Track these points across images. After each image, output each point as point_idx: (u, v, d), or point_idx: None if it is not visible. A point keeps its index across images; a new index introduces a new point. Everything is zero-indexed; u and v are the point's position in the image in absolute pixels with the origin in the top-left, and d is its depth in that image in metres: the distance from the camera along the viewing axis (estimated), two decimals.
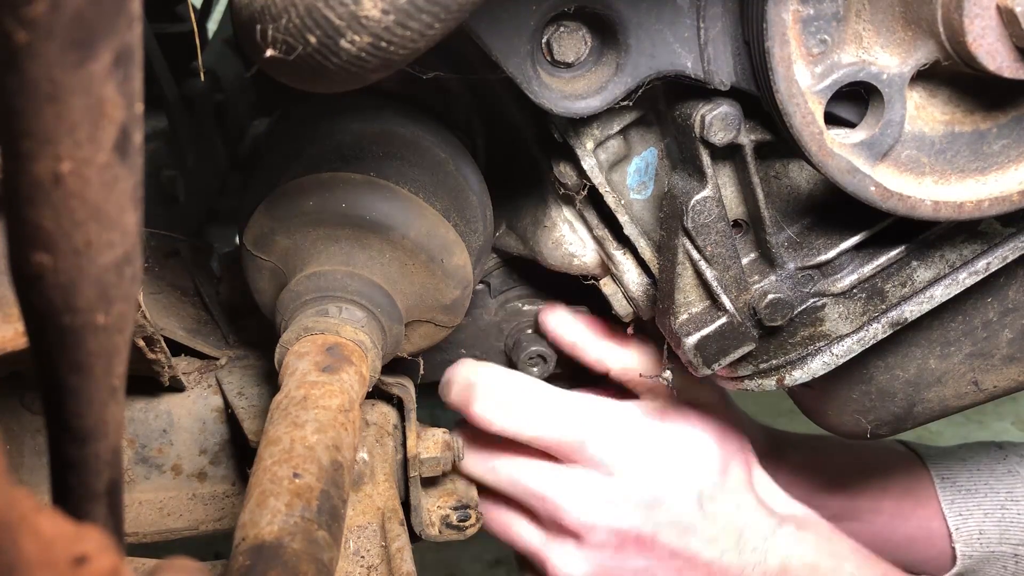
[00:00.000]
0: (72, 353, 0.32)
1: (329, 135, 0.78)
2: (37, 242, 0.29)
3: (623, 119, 0.77)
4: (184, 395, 0.89)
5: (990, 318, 0.84)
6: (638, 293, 0.87)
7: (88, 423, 0.34)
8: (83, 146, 0.28)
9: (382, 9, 0.47)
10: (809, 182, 0.78)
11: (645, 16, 0.66)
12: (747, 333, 0.79)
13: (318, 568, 0.48)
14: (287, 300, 0.74)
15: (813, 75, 0.65)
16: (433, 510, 0.88)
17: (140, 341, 0.75)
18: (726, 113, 0.70)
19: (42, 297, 0.30)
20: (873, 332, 0.79)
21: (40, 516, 0.28)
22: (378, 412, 0.87)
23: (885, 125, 0.66)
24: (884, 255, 0.78)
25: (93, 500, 0.35)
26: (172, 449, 0.88)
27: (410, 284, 0.77)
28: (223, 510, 0.88)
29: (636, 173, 0.81)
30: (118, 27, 0.28)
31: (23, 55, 0.27)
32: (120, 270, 0.31)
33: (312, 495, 0.52)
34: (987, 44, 0.59)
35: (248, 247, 0.78)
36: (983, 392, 0.88)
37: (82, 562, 0.28)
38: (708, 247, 0.76)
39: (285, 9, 0.48)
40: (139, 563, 0.75)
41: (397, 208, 0.75)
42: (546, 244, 0.87)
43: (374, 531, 0.77)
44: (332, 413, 0.60)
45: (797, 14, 0.63)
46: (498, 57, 0.65)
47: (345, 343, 0.69)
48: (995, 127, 0.68)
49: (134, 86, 0.29)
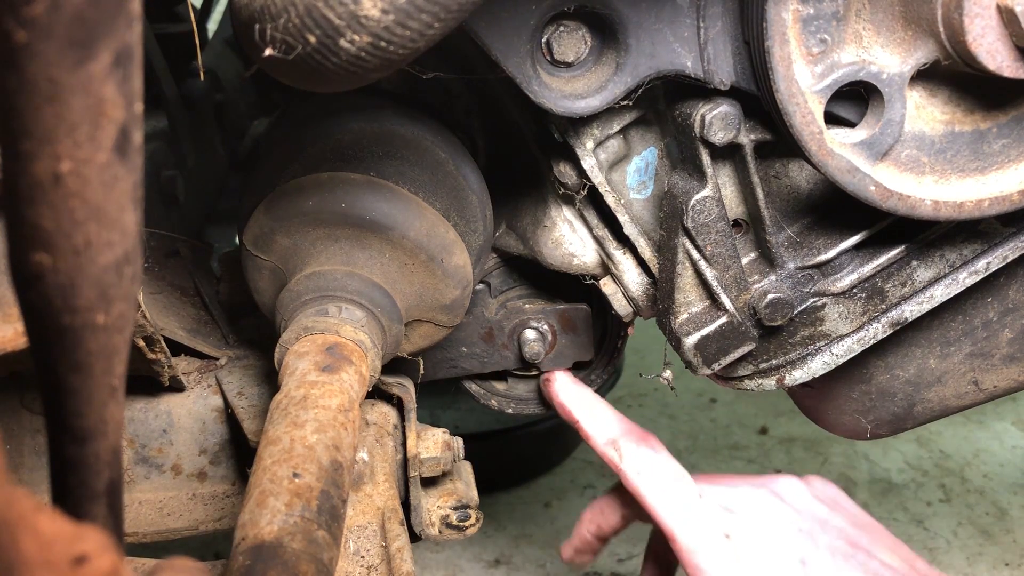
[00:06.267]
0: (72, 353, 0.32)
1: (329, 135, 0.78)
2: (37, 242, 0.29)
3: (623, 119, 0.77)
4: (184, 395, 0.89)
5: (990, 318, 0.84)
6: (638, 293, 0.87)
7: (88, 423, 0.34)
8: (83, 146, 0.28)
9: (382, 9, 0.47)
10: (809, 182, 0.78)
11: (645, 16, 0.66)
12: (747, 333, 0.79)
13: (318, 568, 0.48)
14: (287, 300, 0.74)
15: (813, 74, 0.65)
16: (433, 510, 0.88)
17: (140, 341, 0.75)
18: (726, 113, 0.70)
19: (42, 297, 0.30)
20: (873, 332, 0.79)
21: (40, 516, 0.28)
22: (378, 412, 0.87)
23: (885, 125, 0.66)
24: (884, 255, 0.78)
25: (93, 500, 0.35)
26: (172, 449, 0.88)
27: (410, 284, 0.77)
28: (223, 510, 0.88)
29: (636, 173, 0.81)
30: (118, 27, 0.28)
31: (23, 55, 0.27)
32: (120, 270, 0.31)
33: (312, 495, 0.52)
34: (987, 44, 0.59)
35: (248, 247, 0.78)
36: (983, 392, 0.88)
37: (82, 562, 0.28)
38: (708, 247, 0.76)
39: (284, 9, 0.48)
40: (139, 563, 0.75)
41: (397, 208, 0.75)
42: (546, 244, 0.87)
43: (374, 531, 0.77)
44: (332, 413, 0.60)
45: (797, 14, 0.63)
46: (498, 57, 0.65)
47: (345, 343, 0.69)
48: (995, 127, 0.68)
49: (134, 86, 0.29)
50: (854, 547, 0.83)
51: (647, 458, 0.84)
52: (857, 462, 2.09)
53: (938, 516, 1.92)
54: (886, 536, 0.87)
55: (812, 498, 0.87)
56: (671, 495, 0.82)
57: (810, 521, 0.84)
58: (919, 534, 1.83)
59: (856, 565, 0.81)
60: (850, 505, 0.90)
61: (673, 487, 0.83)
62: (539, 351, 0.95)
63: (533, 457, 2.02)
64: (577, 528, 0.96)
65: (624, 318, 0.90)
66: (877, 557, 0.83)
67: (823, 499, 0.88)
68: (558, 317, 0.96)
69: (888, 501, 1.95)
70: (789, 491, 0.87)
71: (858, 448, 2.12)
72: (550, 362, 0.98)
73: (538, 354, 0.95)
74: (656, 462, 0.84)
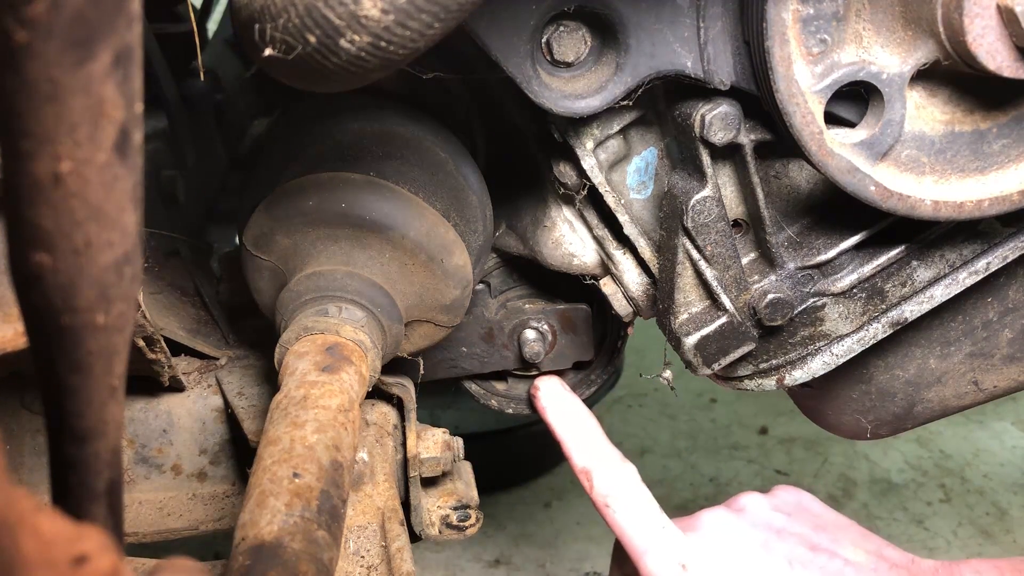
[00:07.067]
0: (72, 353, 0.32)
1: (329, 135, 0.78)
2: (37, 242, 0.29)
3: (623, 119, 0.77)
4: (184, 395, 0.89)
5: (990, 318, 0.84)
6: (638, 293, 0.87)
7: (88, 423, 0.34)
8: (83, 146, 0.28)
9: (382, 9, 0.47)
10: (809, 182, 0.78)
11: (645, 16, 0.66)
12: (747, 333, 0.79)
13: (318, 568, 0.48)
14: (287, 300, 0.74)
15: (813, 75, 0.65)
16: (433, 510, 0.88)
17: (140, 341, 0.75)
18: (726, 113, 0.70)
19: (42, 297, 0.30)
20: (873, 332, 0.79)
21: (40, 516, 0.28)
22: (378, 412, 0.87)
23: (885, 125, 0.66)
24: (884, 255, 0.78)
25: (93, 500, 0.35)
26: (172, 449, 0.88)
27: (410, 284, 0.77)
28: (223, 510, 0.88)
29: (636, 173, 0.81)
30: (118, 27, 0.28)
31: (23, 55, 0.27)
32: (120, 270, 0.31)
33: (312, 495, 0.52)
34: (987, 44, 0.59)
35: (248, 247, 0.78)
36: (983, 392, 0.88)
37: (82, 562, 0.28)
38: (708, 247, 0.76)
39: (284, 8, 0.48)
40: (139, 563, 0.75)
41: (397, 208, 0.75)
42: (546, 244, 0.87)
43: (374, 531, 0.77)
44: (332, 413, 0.60)
45: (797, 14, 0.63)
46: (498, 57, 0.65)
47: (345, 343, 0.69)
48: (995, 127, 0.68)
49: (134, 86, 0.29)
50: (814, 550, 0.84)
51: (615, 488, 0.86)
52: (857, 462, 2.09)
53: (938, 516, 1.92)
54: (852, 531, 0.88)
55: (770, 509, 0.88)
56: (635, 525, 0.84)
57: (766, 533, 0.85)
58: (919, 534, 1.83)
59: (816, 569, 0.82)
60: (815, 506, 0.91)
61: (637, 517, 0.85)
62: (539, 351, 0.95)
63: (533, 457, 2.02)
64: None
65: (624, 318, 0.90)
66: (840, 555, 0.84)
67: (783, 508, 0.89)
68: (558, 317, 0.96)
69: (888, 501, 1.95)
70: (747, 506, 0.88)
71: (858, 448, 2.12)
72: (550, 362, 0.98)
73: (538, 354, 0.95)
74: (624, 492, 0.86)
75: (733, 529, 0.85)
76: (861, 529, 0.89)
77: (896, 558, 0.85)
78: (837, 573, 0.82)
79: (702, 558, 0.82)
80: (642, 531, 0.83)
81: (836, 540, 0.85)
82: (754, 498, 0.90)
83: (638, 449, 2.15)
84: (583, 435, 0.91)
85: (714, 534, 0.85)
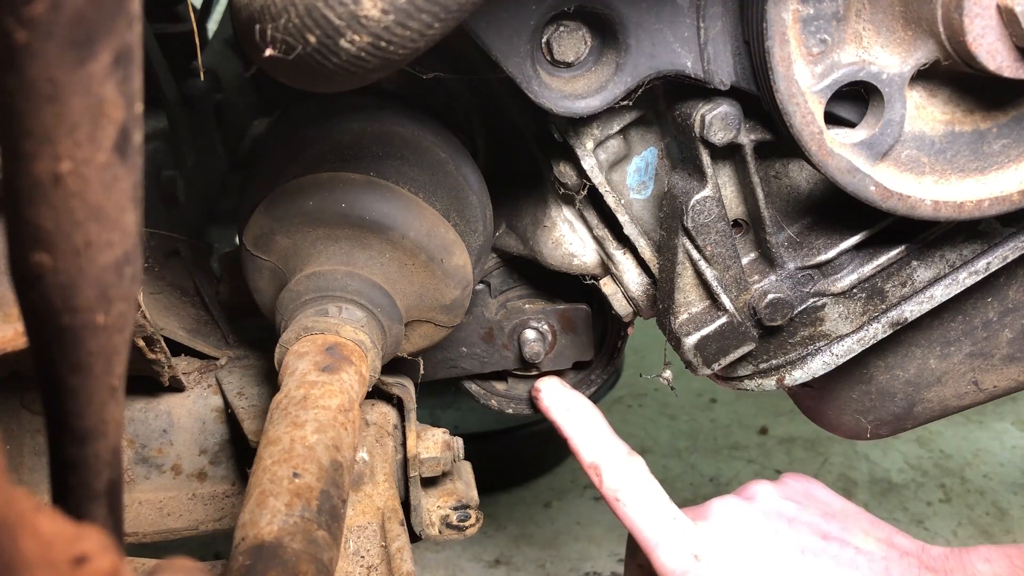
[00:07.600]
0: (72, 353, 0.32)
1: (329, 135, 0.78)
2: (37, 242, 0.29)
3: (623, 119, 0.77)
4: (184, 395, 0.89)
5: (990, 318, 0.84)
6: (638, 293, 0.87)
7: (88, 423, 0.34)
8: (83, 146, 0.28)
9: (382, 9, 0.47)
10: (809, 182, 0.78)
11: (645, 16, 0.66)
12: (747, 333, 0.79)
13: (318, 568, 0.48)
14: (287, 300, 0.74)
15: (813, 75, 0.65)
16: (433, 510, 0.88)
17: (140, 341, 0.75)
18: (726, 113, 0.70)
19: (42, 297, 0.30)
20: (873, 332, 0.79)
21: (40, 516, 0.28)
22: (378, 412, 0.87)
23: (885, 125, 0.66)
24: (884, 255, 0.78)
25: (93, 500, 0.35)
26: (172, 449, 0.88)
27: (410, 284, 0.77)
28: (223, 510, 0.88)
29: (636, 173, 0.81)
30: (118, 27, 0.28)
31: (23, 55, 0.27)
32: (120, 270, 0.31)
33: (312, 495, 0.52)
34: (987, 44, 0.59)
35: (248, 247, 0.78)
36: (983, 392, 0.88)
37: (82, 562, 0.28)
38: (708, 247, 0.76)
39: (284, 9, 0.48)
40: (139, 563, 0.75)
41: (397, 208, 0.75)
42: (546, 244, 0.87)
43: (374, 531, 0.77)
44: (332, 413, 0.60)
45: (797, 14, 0.63)
46: (498, 57, 0.65)
47: (345, 343, 0.69)
48: (995, 127, 0.68)
49: (134, 86, 0.29)
50: (825, 539, 0.84)
51: (625, 481, 0.87)
52: (857, 462, 2.09)
53: (938, 516, 1.92)
54: (862, 519, 0.88)
55: (780, 498, 0.88)
56: (647, 518, 0.84)
57: (777, 521, 0.85)
58: (919, 534, 1.83)
59: (828, 558, 0.82)
60: (824, 494, 0.91)
61: (648, 510, 0.85)
62: (539, 351, 0.95)
63: (533, 457, 2.02)
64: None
65: (624, 318, 0.90)
66: (851, 544, 0.84)
67: (793, 496, 0.89)
68: (558, 317, 0.96)
69: (888, 501, 1.95)
70: (758, 494, 0.88)
71: (858, 448, 2.12)
72: (550, 362, 0.98)
73: (538, 354, 0.95)
74: (634, 485, 0.86)
75: (744, 518, 0.85)
76: (870, 517, 0.89)
77: (906, 546, 0.85)
78: (849, 562, 0.82)
79: (714, 548, 0.82)
80: (654, 524, 0.83)
81: (847, 528, 0.85)
82: (764, 487, 0.89)
83: (638, 449, 2.14)
84: (589, 430, 0.91)
85: (725, 523, 0.85)
